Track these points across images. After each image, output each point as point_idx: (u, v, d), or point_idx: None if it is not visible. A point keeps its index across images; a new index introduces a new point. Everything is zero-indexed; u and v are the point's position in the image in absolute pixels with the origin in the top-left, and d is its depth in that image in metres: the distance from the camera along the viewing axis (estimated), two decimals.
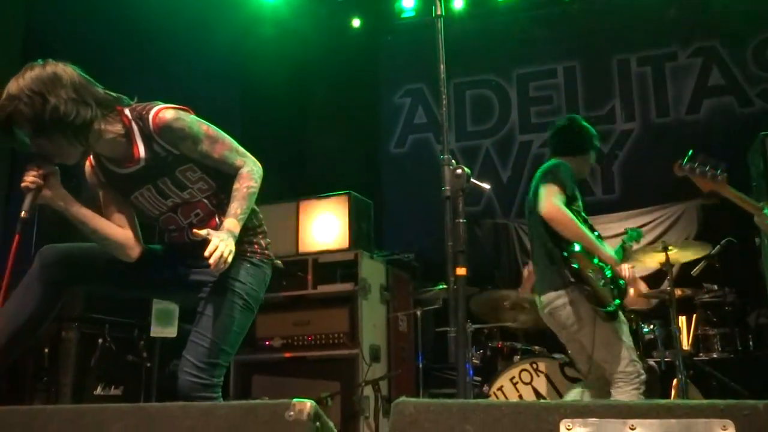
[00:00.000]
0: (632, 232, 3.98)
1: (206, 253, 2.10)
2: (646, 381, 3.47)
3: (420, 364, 5.21)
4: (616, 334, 3.44)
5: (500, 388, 4.25)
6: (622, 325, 3.49)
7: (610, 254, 3.49)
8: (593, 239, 3.46)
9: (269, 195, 5.36)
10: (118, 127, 2.25)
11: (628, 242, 3.88)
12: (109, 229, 2.34)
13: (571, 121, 3.90)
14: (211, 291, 2.33)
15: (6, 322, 2.19)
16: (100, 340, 4.02)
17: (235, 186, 2.32)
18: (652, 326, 4.59)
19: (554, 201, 3.44)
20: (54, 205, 2.21)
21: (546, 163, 3.71)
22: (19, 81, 2.09)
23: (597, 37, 7.25)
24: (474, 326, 4.95)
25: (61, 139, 2.14)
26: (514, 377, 4.24)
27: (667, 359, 4.51)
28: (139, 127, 2.25)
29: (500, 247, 7.01)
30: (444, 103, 2.49)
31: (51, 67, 2.13)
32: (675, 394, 4.28)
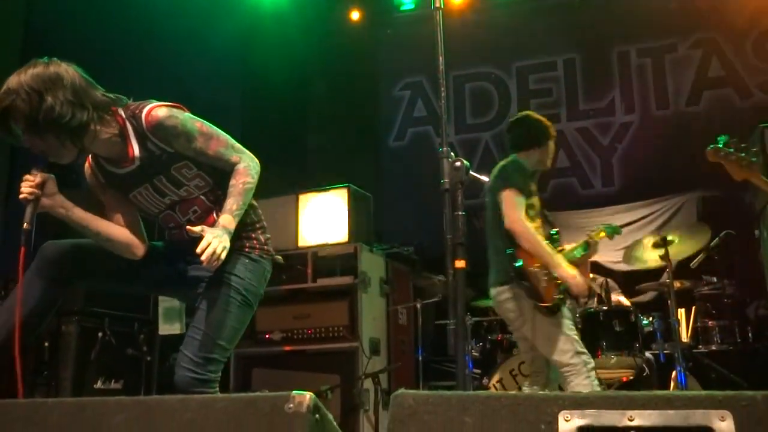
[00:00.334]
0: (608, 228, 3.99)
1: (198, 250, 2.10)
2: (594, 368, 3.51)
3: (420, 356, 5.22)
4: (558, 328, 3.46)
5: (499, 381, 4.26)
6: (565, 318, 3.51)
7: (565, 270, 3.47)
8: (551, 256, 3.48)
9: (269, 188, 5.37)
10: (113, 127, 2.25)
11: (594, 237, 3.90)
12: (112, 230, 2.34)
13: (525, 116, 3.93)
14: (208, 286, 2.33)
15: (7, 317, 2.20)
16: (100, 333, 4.03)
17: (231, 182, 2.30)
18: (651, 318, 4.60)
19: (519, 215, 3.49)
20: (54, 213, 2.21)
21: (504, 160, 3.74)
22: (20, 76, 2.09)
23: (597, 30, 7.24)
24: (473, 319, 4.96)
25: (53, 140, 2.13)
26: (513, 369, 4.26)
27: (666, 351, 4.52)
28: (133, 127, 2.25)
29: None
30: (443, 96, 2.48)
31: (54, 67, 2.13)
32: (674, 386, 4.29)
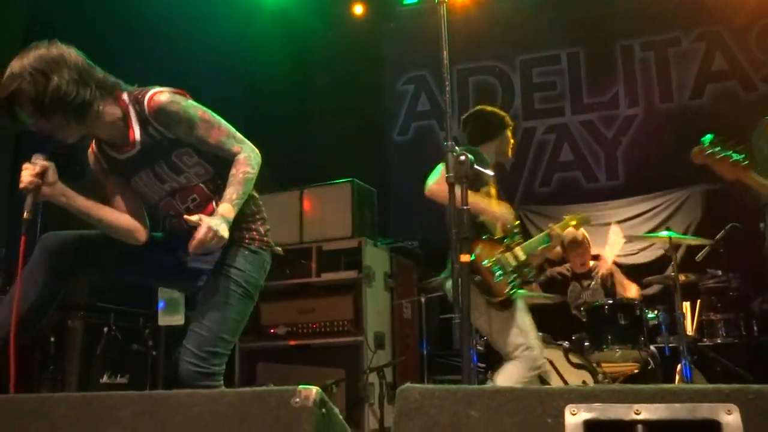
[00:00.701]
0: (574, 219, 3.99)
1: (195, 236, 2.11)
2: (540, 369, 3.49)
3: (424, 350, 5.22)
4: (511, 322, 3.45)
5: None
6: (519, 311, 3.50)
7: (502, 214, 3.46)
8: (476, 198, 3.39)
9: (272, 183, 5.39)
10: (117, 110, 2.26)
11: (556, 229, 3.90)
12: (114, 216, 2.35)
13: (476, 110, 3.92)
14: (209, 279, 2.33)
15: (8, 312, 2.20)
16: (105, 328, 4.04)
17: (232, 171, 2.30)
18: (656, 312, 4.60)
19: (439, 179, 3.36)
20: (55, 201, 2.22)
21: None
22: (23, 59, 2.11)
23: (600, 23, 7.21)
24: None
25: (60, 119, 2.15)
26: None
27: (671, 344, 4.52)
28: (135, 111, 2.26)
29: None
30: (447, 90, 2.48)
31: (55, 48, 2.15)
32: (679, 380, 4.29)
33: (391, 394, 4.73)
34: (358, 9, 7.64)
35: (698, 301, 5.14)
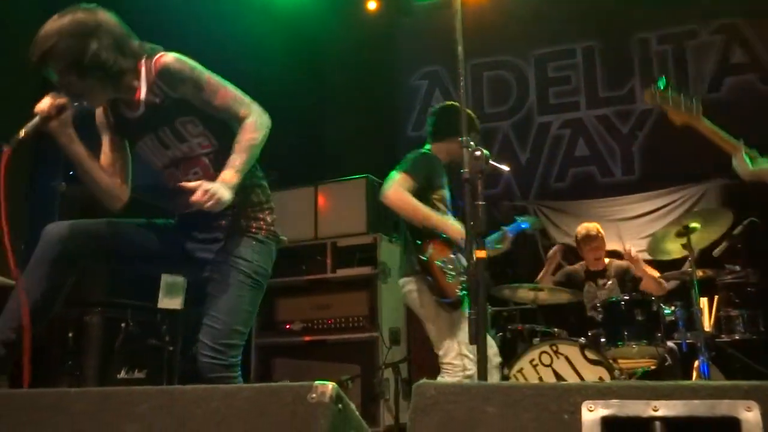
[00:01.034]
0: (524, 222, 3.98)
1: (193, 198, 2.12)
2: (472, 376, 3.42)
3: None
4: (453, 325, 3.44)
5: (520, 371, 4.25)
6: (463, 319, 3.43)
7: (457, 230, 3.41)
8: (433, 215, 3.43)
9: (287, 180, 5.40)
10: (135, 72, 2.29)
11: (509, 230, 3.89)
12: (101, 175, 2.36)
13: (440, 106, 3.89)
14: (218, 271, 2.33)
15: (18, 305, 2.22)
16: (123, 324, 4.07)
17: (237, 138, 2.28)
18: (673, 308, 4.56)
19: (395, 188, 3.45)
20: (57, 139, 2.23)
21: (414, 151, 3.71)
22: (63, 20, 2.14)
23: (616, 16, 7.16)
24: (493, 308, 4.95)
25: (94, 83, 2.19)
26: (534, 359, 4.24)
27: (688, 341, 4.48)
28: (146, 70, 2.28)
29: None
30: (462, 85, 2.47)
31: (97, 15, 2.18)
32: (696, 376, 4.26)
33: (407, 389, 4.73)
34: (371, 4, 7.62)
35: (716, 296, 5.09)
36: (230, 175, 2.21)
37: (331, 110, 7.79)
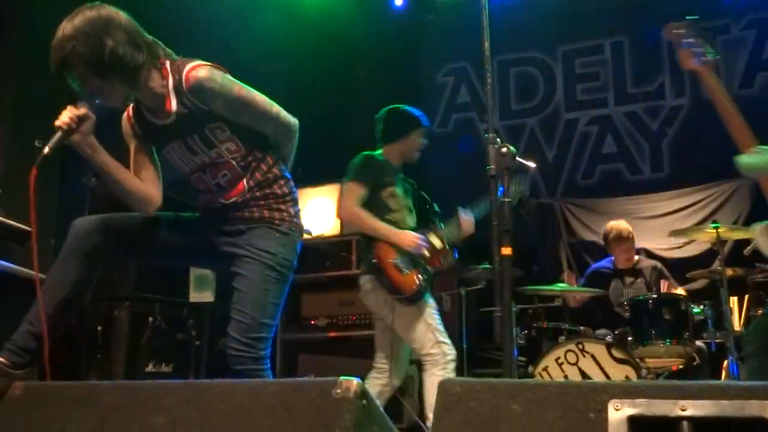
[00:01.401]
0: (471, 211, 3.95)
1: None
2: (454, 361, 3.54)
3: (464, 344, 5.20)
4: (419, 318, 3.47)
5: (545, 369, 4.22)
6: (428, 307, 3.51)
7: (403, 238, 3.51)
8: (387, 230, 3.51)
9: (313, 176, 5.42)
10: (159, 77, 2.29)
11: (463, 213, 3.91)
12: (132, 181, 2.37)
13: (386, 110, 3.97)
14: (244, 265, 2.34)
15: (51, 295, 2.26)
16: (150, 318, 4.12)
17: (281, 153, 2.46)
18: (702, 307, 4.50)
19: (347, 203, 3.57)
20: (81, 151, 2.24)
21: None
22: (74, 22, 2.12)
23: (645, 11, 7.05)
24: (519, 306, 4.92)
25: (115, 81, 2.19)
26: (559, 358, 4.21)
27: (718, 340, 4.42)
28: (174, 81, 2.28)
29: (545, 227, 6.93)
30: (488, 82, 2.46)
31: (104, 11, 2.17)
32: (725, 376, 4.20)
33: None
34: (398, 0, 7.61)
35: (746, 296, 5.01)
36: None
37: (357, 106, 7.78)
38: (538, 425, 1.24)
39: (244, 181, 2.39)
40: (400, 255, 3.51)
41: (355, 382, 1.33)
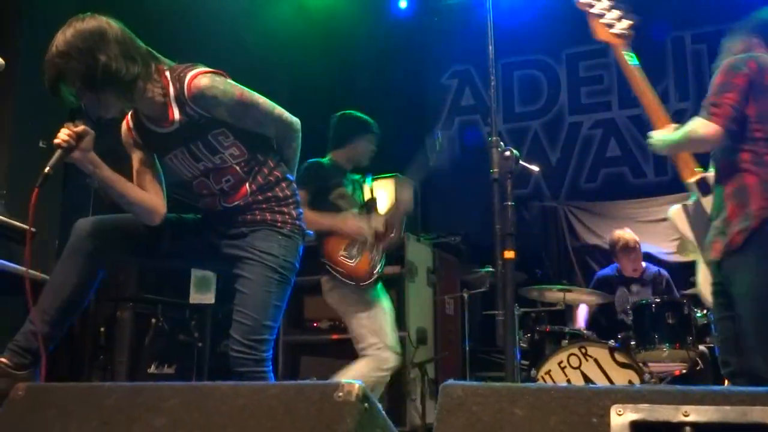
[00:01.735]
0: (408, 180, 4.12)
1: None
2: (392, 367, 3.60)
3: (467, 347, 5.20)
4: (366, 314, 3.58)
5: (548, 372, 4.21)
6: (377, 307, 3.61)
7: (352, 224, 3.57)
8: (321, 219, 3.51)
9: None
10: (158, 86, 2.28)
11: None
12: (136, 193, 2.37)
13: (336, 116, 4.06)
14: (246, 267, 2.34)
15: (54, 296, 2.27)
16: (153, 320, 4.13)
17: (284, 158, 2.49)
18: (705, 311, 4.48)
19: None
20: (82, 167, 2.24)
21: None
22: (66, 36, 2.11)
23: (650, 15, 7.03)
24: (522, 309, 4.91)
25: (109, 94, 2.17)
26: (562, 361, 4.20)
27: None
28: (175, 89, 2.27)
29: (548, 230, 6.92)
30: (492, 85, 2.46)
31: (96, 22, 2.15)
32: (729, 381, 4.18)
33: (433, 389, 4.72)
34: (402, 3, 7.62)
35: None
36: None
37: (361, 109, 7.78)
38: (540, 430, 1.24)
39: (247, 185, 2.40)
40: (346, 246, 3.56)
41: (357, 385, 1.33)
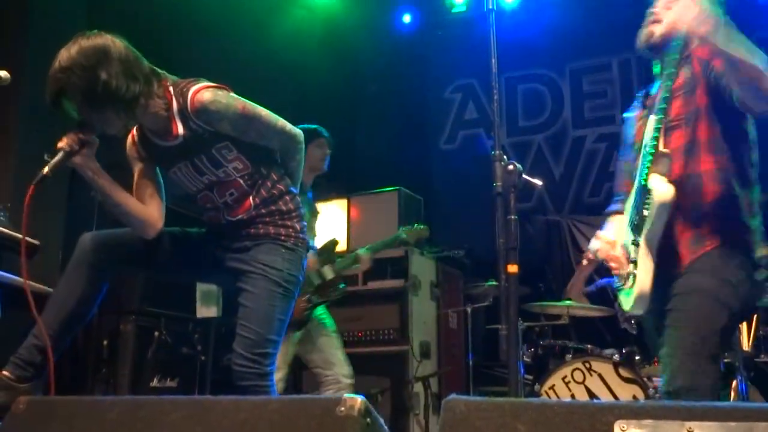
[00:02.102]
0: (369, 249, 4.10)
1: None
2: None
3: (470, 361, 5.18)
4: (312, 340, 3.82)
5: (552, 387, 4.19)
6: (321, 335, 3.81)
7: (309, 263, 3.62)
8: None
9: (320, 191, 5.42)
10: (162, 101, 2.29)
11: (362, 254, 4.06)
12: (132, 204, 2.37)
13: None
14: (250, 281, 2.35)
15: (58, 308, 2.28)
16: (156, 333, 4.12)
17: (287, 170, 2.51)
18: None
19: None
20: (82, 173, 2.25)
21: None
22: (70, 52, 2.13)
23: None
24: (525, 324, 4.90)
25: (110, 112, 2.19)
26: (566, 376, 4.18)
27: (726, 360, 4.37)
28: (178, 104, 2.28)
29: (552, 244, 6.91)
30: (495, 99, 2.46)
31: (101, 40, 2.16)
32: (734, 396, 4.15)
33: (436, 404, 4.70)
34: (406, 17, 7.65)
35: (755, 315, 4.96)
36: None
37: (365, 122, 7.83)
38: None
39: (251, 198, 2.41)
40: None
41: (359, 400, 1.32)
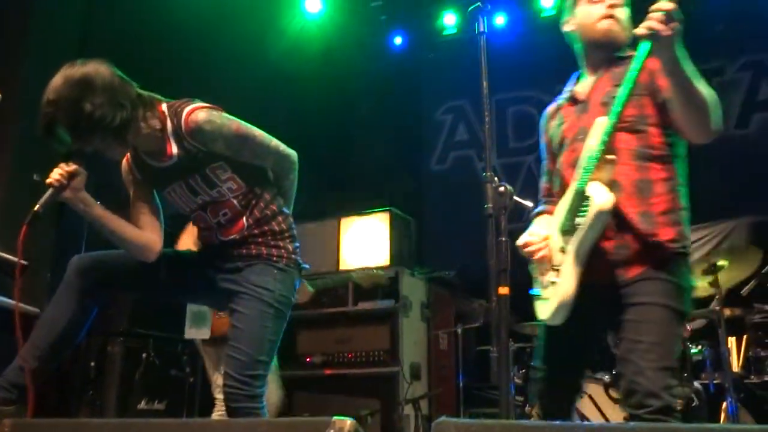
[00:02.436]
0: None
1: None
2: None
3: (461, 382, 5.16)
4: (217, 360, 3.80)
5: None
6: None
7: None
8: None
9: (310, 212, 5.43)
10: (155, 122, 2.30)
11: (306, 286, 4.03)
12: (128, 231, 2.37)
13: None
14: (241, 302, 2.33)
15: (47, 331, 2.26)
16: (144, 354, 4.09)
17: (281, 191, 2.49)
18: (700, 347, 4.47)
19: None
20: (74, 206, 2.26)
21: None
22: (56, 83, 2.14)
23: None
24: (516, 345, 4.89)
25: (99, 142, 2.20)
26: None
27: (716, 381, 4.38)
28: (172, 125, 2.29)
29: None
30: (486, 120, 2.48)
31: (85, 69, 2.17)
32: (724, 418, 4.15)
33: (427, 426, 4.67)
34: (398, 39, 7.71)
35: (745, 336, 4.97)
36: None
37: (356, 143, 7.85)
38: None
39: (244, 218, 2.40)
40: None
41: (348, 422, 1.31)
